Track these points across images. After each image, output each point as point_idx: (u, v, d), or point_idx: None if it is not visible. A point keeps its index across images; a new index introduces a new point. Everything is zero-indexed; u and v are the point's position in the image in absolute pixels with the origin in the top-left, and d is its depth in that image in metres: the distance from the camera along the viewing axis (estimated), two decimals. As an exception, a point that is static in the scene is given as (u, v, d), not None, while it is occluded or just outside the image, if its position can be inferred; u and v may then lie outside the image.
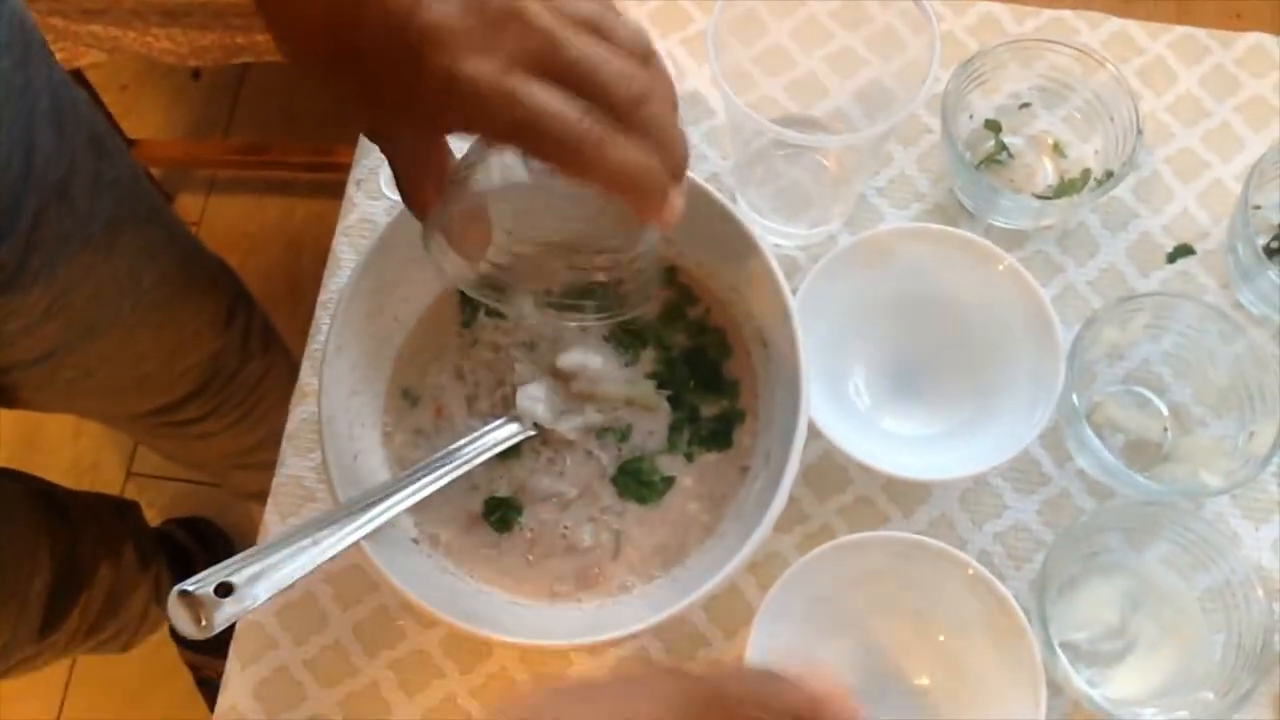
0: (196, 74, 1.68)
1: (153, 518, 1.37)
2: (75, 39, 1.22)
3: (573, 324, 0.57)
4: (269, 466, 0.68)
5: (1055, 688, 0.59)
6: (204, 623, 0.51)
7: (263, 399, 1.02)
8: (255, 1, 0.43)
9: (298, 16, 0.42)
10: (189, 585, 0.51)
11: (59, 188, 0.69)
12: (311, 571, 0.53)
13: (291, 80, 1.62)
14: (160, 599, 1.17)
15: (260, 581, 0.53)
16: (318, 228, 1.65)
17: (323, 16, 0.41)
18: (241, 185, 1.65)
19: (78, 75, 1.29)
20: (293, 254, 1.61)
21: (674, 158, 0.43)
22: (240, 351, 0.98)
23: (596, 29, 0.42)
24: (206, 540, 1.39)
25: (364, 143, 0.74)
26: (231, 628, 0.61)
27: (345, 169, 1.61)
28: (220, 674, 1.39)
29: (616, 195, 0.42)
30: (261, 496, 0.68)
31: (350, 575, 0.65)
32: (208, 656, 1.35)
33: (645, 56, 0.43)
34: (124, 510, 1.17)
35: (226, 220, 1.64)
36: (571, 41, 0.41)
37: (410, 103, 0.42)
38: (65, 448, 1.53)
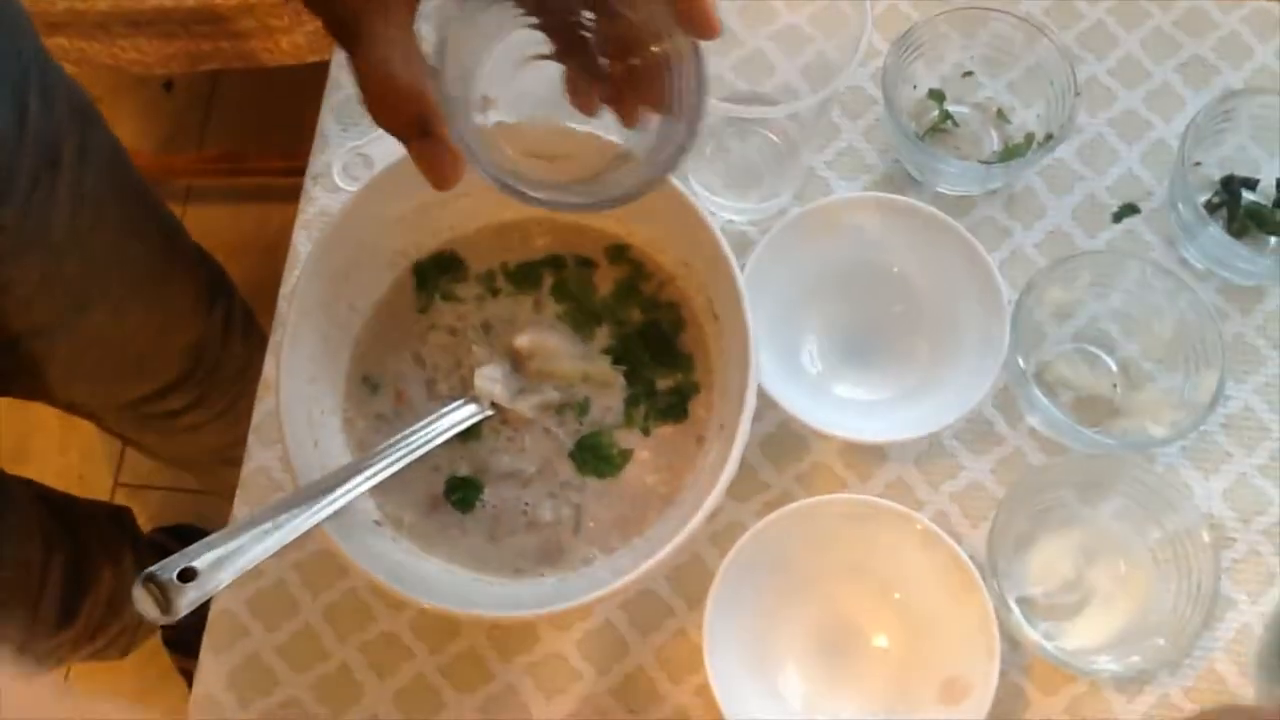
0: (169, 85, 1.69)
1: (141, 526, 1.37)
2: (42, 52, 1.23)
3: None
4: (256, 462, 0.69)
5: (1013, 641, 0.61)
6: (169, 608, 0.52)
7: (246, 390, 1.04)
8: None
9: None
10: (154, 569, 0.52)
11: (49, 155, 0.72)
12: (274, 553, 0.54)
13: (264, 88, 1.64)
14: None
15: (224, 566, 0.53)
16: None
17: None
18: (218, 194, 1.65)
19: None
20: (271, 260, 1.59)
21: None
22: (223, 338, 0.99)
23: None
24: None
25: (320, 137, 0.75)
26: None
27: (318, 173, 1.60)
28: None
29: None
30: (249, 494, 0.69)
31: (319, 561, 0.66)
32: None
33: None
34: (119, 516, 1.18)
35: (204, 229, 1.63)
36: None
37: None
38: (52, 460, 1.53)
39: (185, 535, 1.41)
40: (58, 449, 1.54)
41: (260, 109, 1.67)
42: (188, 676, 1.40)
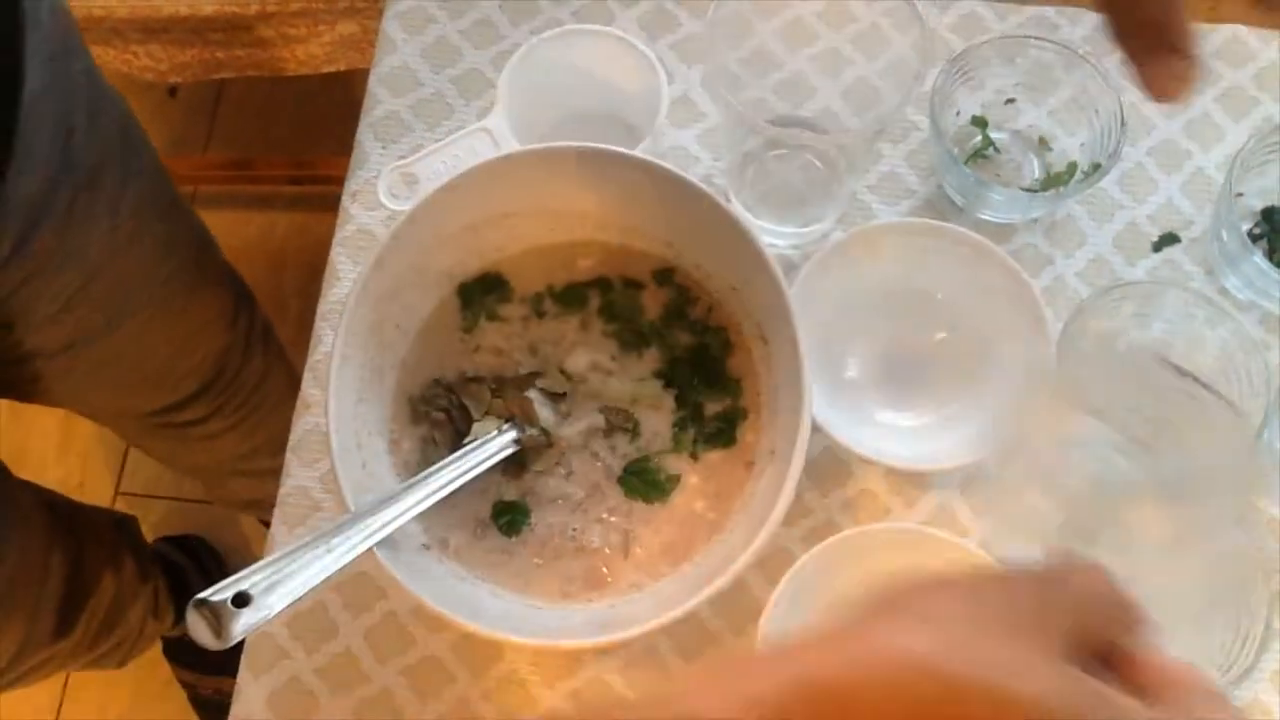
0: (173, 90, 1.68)
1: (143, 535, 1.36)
2: (54, 58, 1.22)
3: None
4: (265, 474, 0.68)
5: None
6: (222, 633, 0.51)
7: (263, 402, 1.03)
8: None
9: None
10: (207, 595, 0.51)
11: (91, 174, 0.71)
12: (327, 579, 0.54)
13: (269, 94, 1.63)
14: (158, 613, 1.17)
15: (275, 591, 0.53)
16: (300, 240, 1.65)
17: None
18: (223, 200, 1.64)
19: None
20: (277, 267, 1.60)
21: None
22: (244, 349, 0.99)
23: None
24: (198, 557, 1.39)
25: (358, 153, 0.75)
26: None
27: (326, 181, 1.61)
28: (218, 690, 1.39)
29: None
30: (255, 505, 0.68)
31: (359, 583, 0.65)
32: (204, 674, 1.34)
33: None
34: (122, 523, 1.17)
35: (208, 235, 1.63)
36: None
37: None
38: (51, 468, 1.52)
39: (189, 546, 1.40)
40: (57, 456, 1.53)
41: (266, 115, 1.66)
42: (188, 688, 1.39)
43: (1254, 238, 0.70)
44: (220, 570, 1.38)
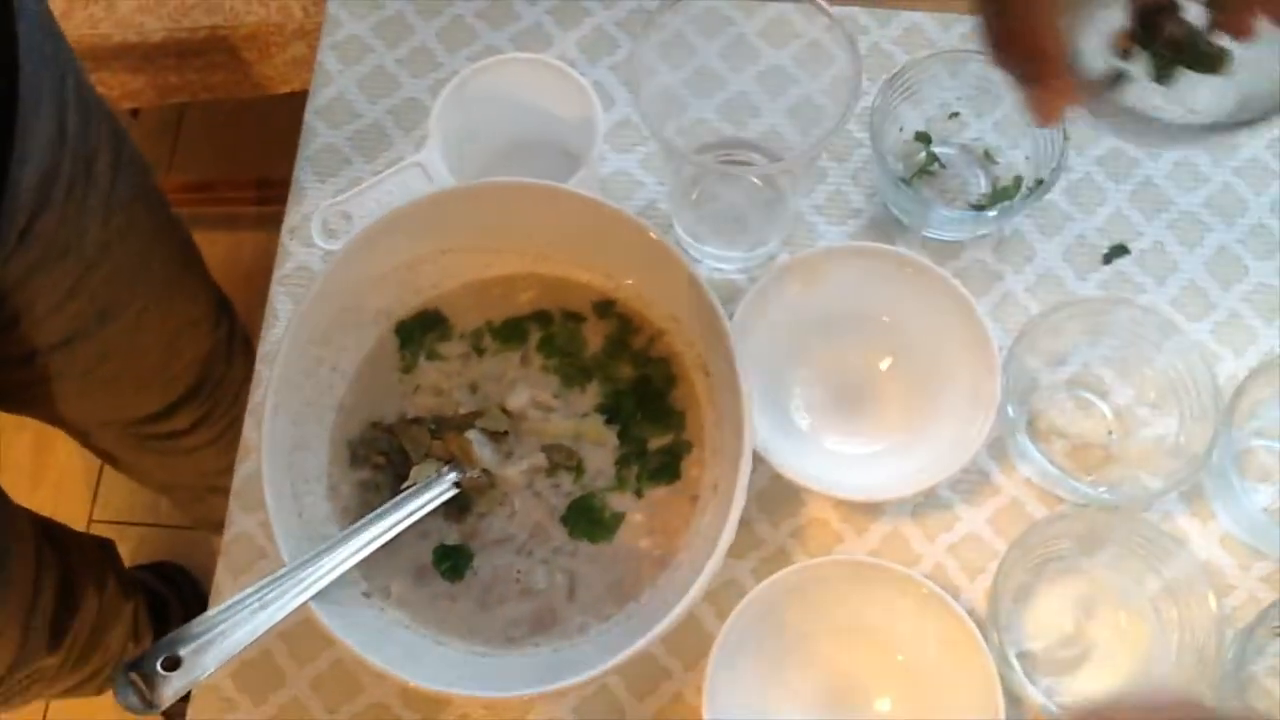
0: (135, 112, 1.66)
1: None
2: (4, 88, 1.21)
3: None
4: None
5: (1014, 698, 0.60)
6: (153, 698, 0.50)
7: (243, 413, 1.03)
8: None
9: None
10: (135, 659, 0.50)
11: (86, 163, 0.72)
12: (261, 637, 0.53)
13: (231, 114, 1.61)
14: (137, 636, 1.17)
15: (209, 650, 0.52)
16: (267, 260, 1.64)
17: None
18: (187, 222, 1.62)
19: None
20: (243, 287, 1.59)
21: None
22: (226, 355, 1.00)
23: None
24: (176, 584, 1.39)
25: (296, 188, 0.74)
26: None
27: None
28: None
29: None
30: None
31: (305, 631, 0.64)
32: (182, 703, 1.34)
33: None
34: (104, 546, 1.17)
35: (174, 258, 1.62)
36: None
37: None
38: (24, 497, 1.50)
39: (166, 573, 1.39)
40: (30, 484, 1.51)
41: (228, 136, 1.64)
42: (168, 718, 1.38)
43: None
44: (197, 596, 1.37)
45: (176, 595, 1.35)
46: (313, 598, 0.54)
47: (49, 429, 0.97)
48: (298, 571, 0.55)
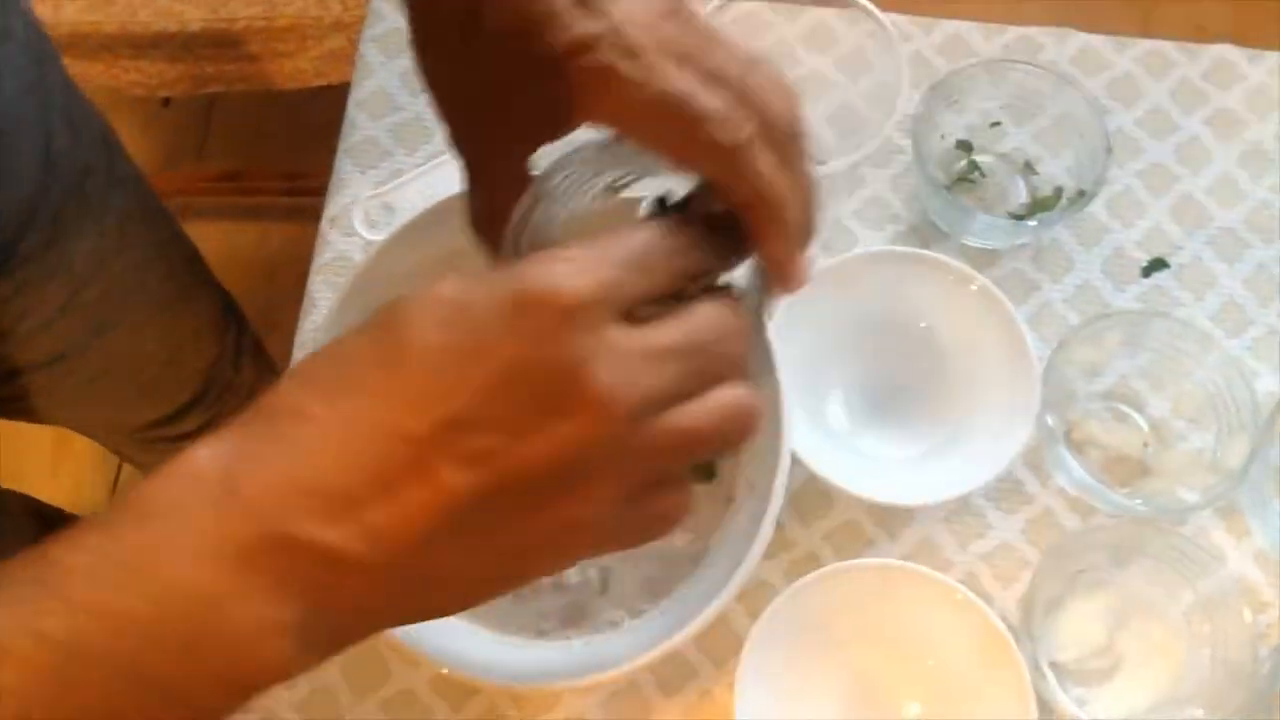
0: (166, 101, 1.67)
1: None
2: (42, 74, 1.21)
3: None
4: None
5: (1044, 708, 0.60)
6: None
7: None
8: None
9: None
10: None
11: (76, 183, 0.71)
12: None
13: (262, 105, 1.62)
14: None
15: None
16: (294, 250, 1.64)
17: None
18: (216, 212, 1.64)
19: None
20: (269, 279, 1.60)
21: (809, 212, 0.38)
22: (234, 361, 0.99)
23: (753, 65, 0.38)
24: None
25: (336, 178, 0.74)
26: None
27: (319, 192, 1.59)
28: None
29: (748, 215, 0.37)
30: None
31: (336, 617, 0.64)
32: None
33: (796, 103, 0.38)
34: None
35: (202, 247, 1.61)
36: (735, 53, 0.37)
37: (540, 81, 0.38)
38: (44, 483, 1.51)
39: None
40: (50, 472, 1.52)
41: (259, 125, 1.65)
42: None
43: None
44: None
45: None
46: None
47: (67, 420, 0.97)
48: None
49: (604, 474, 0.33)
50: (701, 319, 0.34)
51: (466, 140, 0.42)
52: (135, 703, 0.31)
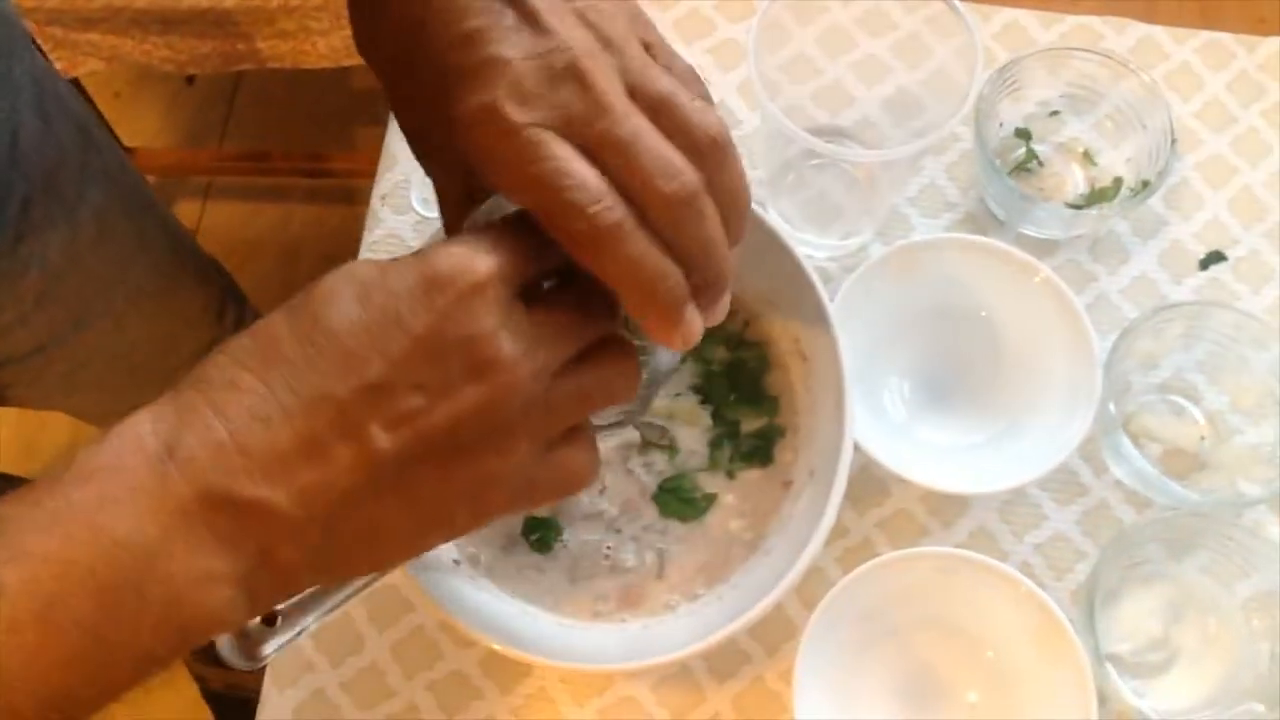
0: (191, 79, 1.67)
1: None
2: (74, 48, 1.21)
3: None
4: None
5: (1101, 700, 0.59)
6: (253, 654, 0.50)
7: None
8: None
9: (376, 23, 0.42)
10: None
11: (46, 177, 0.69)
12: (359, 591, 0.53)
13: (287, 85, 1.62)
14: None
15: (308, 609, 0.52)
16: (315, 232, 1.64)
17: (395, 25, 0.41)
18: (238, 192, 1.63)
19: (75, 84, 1.27)
20: (289, 260, 1.59)
21: (706, 273, 0.39)
22: None
23: (661, 108, 0.38)
24: None
25: (387, 155, 0.73)
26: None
27: (341, 175, 1.59)
28: (229, 684, 1.38)
29: (622, 296, 0.39)
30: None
31: (386, 596, 0.64)
32: (216, 668, 1.34)
33: (710, 150, 0.39)
34: None
35: (223, 227, 1.62)
36: (624, 117, 0.37)
37: (443, 121, 0.39)
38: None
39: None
40: (66, 449, 1.52)
41: (283, 105, 1.65)
42: (200, 680, 1.38)
43: (1303, 258, 0.68)
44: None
45: None
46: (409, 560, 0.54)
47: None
48: (394, 534, 0.55)
49: (514, 429, 0.37)
50: (587, 293, 0.39)
51: (413, 138, 0.45)
52: (81, 647, 0.33)
